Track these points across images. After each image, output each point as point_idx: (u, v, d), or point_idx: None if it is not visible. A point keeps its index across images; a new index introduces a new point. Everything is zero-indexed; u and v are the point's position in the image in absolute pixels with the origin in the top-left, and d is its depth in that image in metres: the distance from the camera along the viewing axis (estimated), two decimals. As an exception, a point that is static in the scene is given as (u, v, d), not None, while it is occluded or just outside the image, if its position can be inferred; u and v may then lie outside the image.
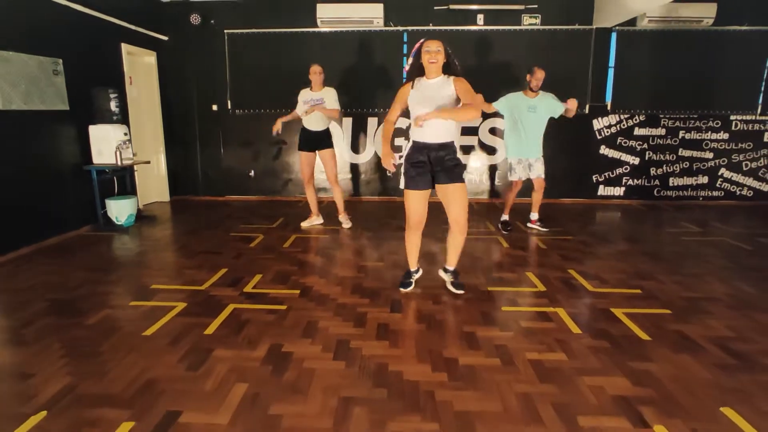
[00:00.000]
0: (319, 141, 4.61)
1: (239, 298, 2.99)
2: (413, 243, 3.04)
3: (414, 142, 2.85)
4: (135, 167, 5.51)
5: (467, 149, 6.17)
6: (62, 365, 2.22)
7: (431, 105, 2.70)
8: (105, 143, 4.71)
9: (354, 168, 6.39)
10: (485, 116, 6.11)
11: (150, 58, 5.97)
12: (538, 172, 4.52)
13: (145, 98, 6.00)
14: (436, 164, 2.79)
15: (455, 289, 3.04)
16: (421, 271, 3.27)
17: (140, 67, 5.91)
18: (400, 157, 2.91)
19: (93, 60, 4.85)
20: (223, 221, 5.14)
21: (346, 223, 4.82)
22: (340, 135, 6.29)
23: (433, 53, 2.70)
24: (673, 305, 2.86)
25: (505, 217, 4.76)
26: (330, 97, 4.52)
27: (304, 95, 4.56)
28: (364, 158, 6.35)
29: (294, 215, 5.15)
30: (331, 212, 5.26)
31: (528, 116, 4.41)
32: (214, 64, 6.12)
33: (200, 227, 4.89)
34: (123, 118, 4.98)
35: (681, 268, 3.57)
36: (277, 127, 4.47)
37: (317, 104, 4.46)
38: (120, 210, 4.82)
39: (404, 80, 2.90)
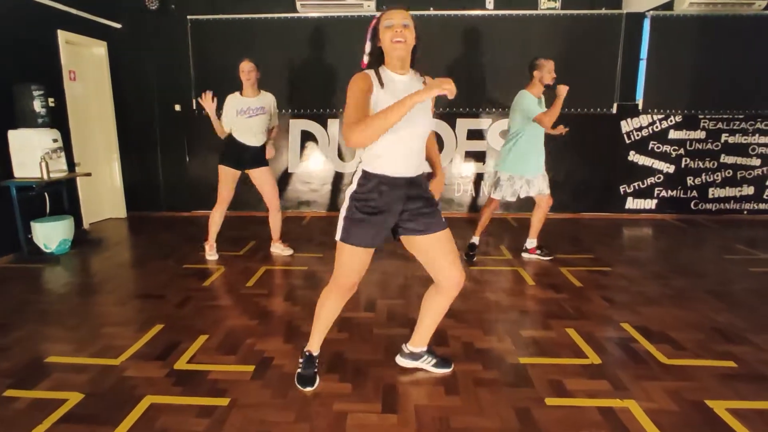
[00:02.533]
0: (254, 158, 3.69)
1: (164, 382, 2.07)
2: (333, 311, 2.03)
3: (369, 173, 1.78)
4: (77, 180, 4.60)
5: (478, 156, 5.28)
6: None
7: (425, 116, 1.77)
8: (28, 152, 3.78)
9: (340, 178, 5.48)
10: (495, 117, 5.22)
11: (99, 50, 5.03)
12: (539, 188, 3.59)
13: (94, 97, 5.07)
14: (406, 207, 1.81)
15: (442, 369, 2.13)
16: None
17: (87, 60, 4.97)
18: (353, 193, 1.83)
19: (17, 50, 3.93)
20: (180, 246, 4.22)
21: (286, 251, 3.96)
22: (325, 140, 5.37)
23: (398, 28, 1.67)
24: (794, 393, 1.97)
25: (474, 239, 3.80)
26: (273, 105, 3.64)
27: (238, 103, 3.54)
28: (351, 167, 5.44)
29: (269, 237, 4.22)
30: (314, 236, 4.37)
31: (535, 124, 3.44)
32: (177, 57, 5.18)
33: (150, 255, 3.97)
34: (54, 121, 4.05)
35: (770, 319, 2.69)
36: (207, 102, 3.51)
37: (258, 114, 3.57)
38: (49, 235, 3.89)
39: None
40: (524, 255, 3.86)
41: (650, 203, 5.44)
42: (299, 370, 2.07)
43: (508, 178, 3.60)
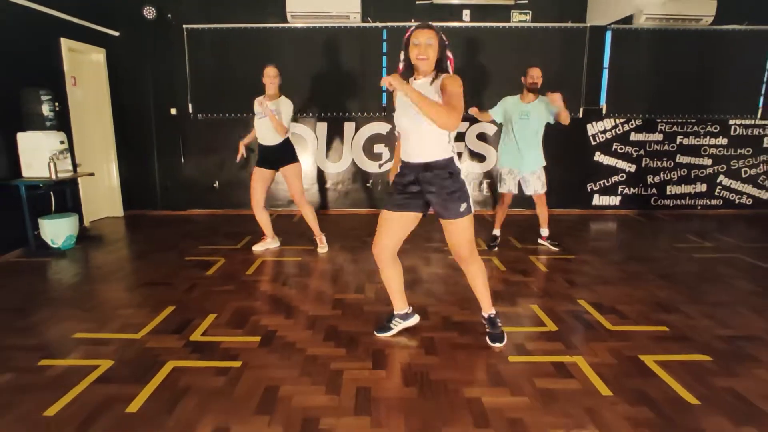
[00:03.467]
0: (279, 157, 3.95)
1: (183, 351, 2.38)
2: (386, 277, 2.48)
3: (402, 161, 2.33)
4: (79, 180, 4.83)
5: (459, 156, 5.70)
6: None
7: (410, 112, 2.15)
8: (36, 154, 4.03)
9: (330, 178, 5.82)
10: (472, 120, 5.62)
11: (98, 56, 5.28)
12: (534, 187, 4.04)
13: (92, 101, 5.31)
14: (426, 189, 2.26)
15: (490, 342, 2.44)
16: (416, 317, 2.63)
17: (87, 66, 5.22)
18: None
19: (24, 57, 4.17)
20: (179, 241, 4.50)
21: (321, 248, 4.20)
22: (314, 142, 5.71)
23: (423, 47, 2.08)
24: (711, 350, 2.38)
25: (495, 231, 4.29)
26: (284, 110, 3.83)
27: (257, 105, 3.84)
28: (340, 167, 5.78)
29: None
30: (305, 231, 4.69)
31: (519, 123, 3.95)
32: (173, 64, 5.46)
33: (152, 249, 4.25)
34: (60, 124, 4.30)
35: (704, 295, 3.12)
36: (241, 152, 3.97)
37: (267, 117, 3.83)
38: (55, 231, 4.13)
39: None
40: (539, 241, 4.32)
41: (615, 200, 5.92)
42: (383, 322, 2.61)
43: (508, 172, 4.06)
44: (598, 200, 5.91)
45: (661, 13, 5.18)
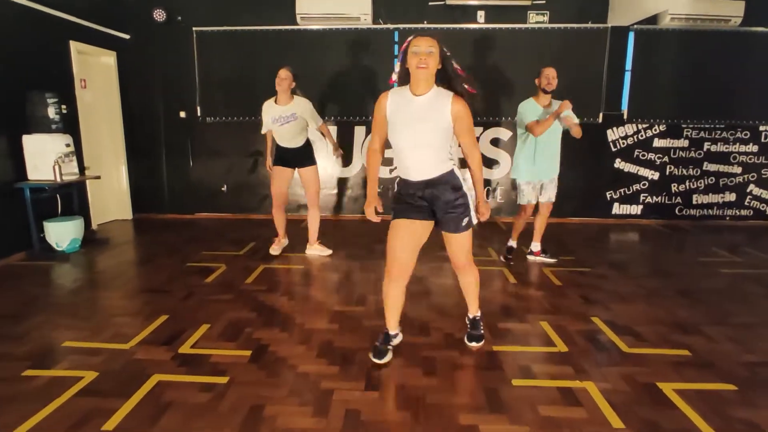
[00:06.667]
0: (300, 158, 3.95)
1: (170, 363, 2.29)
2: (392, 297, 2.28)
3: (399, 177, 2.25)
4: (87, 183, 4.83)
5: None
6: None
7: (418, 127, 2.03)
8: (41, 157, 4.02)
9: (340, 183, 5.72)
10: (487, 126, 5.47)
11: (108, 59, 5.29)
12: (549, 195, 3.82)
13: (103, 104, 5.32)
14: (432, 203, 2.17)
15: (468, 342, 2.48)
16: (401, 336, 2.47)
17: (97, 69, 5.23)
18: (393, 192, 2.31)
19: (31, 60, 4.18)
20: (184, 246, 4.44)
21: (324, 251, 4.13)
22: (325, 146, 5.61)
23: (423, 56, 1.94)
24: (734, 377, 2.17)
25: (511, 243, 4.02)
26: (306, 111, 3.83)
27: (271, 111, 3.81)
28: (350, 172, 5.67)
29: (268, 238, 4.45)
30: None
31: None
32: (182, 66, 5.44)
33: (156, 254, 4.20)
34: (67, 127, 4.29)
35: (729, 315, 2.89)
36: (269, 163, 4.02)
37: (289, 122, 3.79)
38: (60, 234, 4.12)
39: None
40: (529, 257, 4.03)
41: (636, 209, 5.65)
42: (376, 344, 2.33)
43: (527, 183, 3.78)
44: (618, 209, 5.66)
45: (688, 13, 4.93)
